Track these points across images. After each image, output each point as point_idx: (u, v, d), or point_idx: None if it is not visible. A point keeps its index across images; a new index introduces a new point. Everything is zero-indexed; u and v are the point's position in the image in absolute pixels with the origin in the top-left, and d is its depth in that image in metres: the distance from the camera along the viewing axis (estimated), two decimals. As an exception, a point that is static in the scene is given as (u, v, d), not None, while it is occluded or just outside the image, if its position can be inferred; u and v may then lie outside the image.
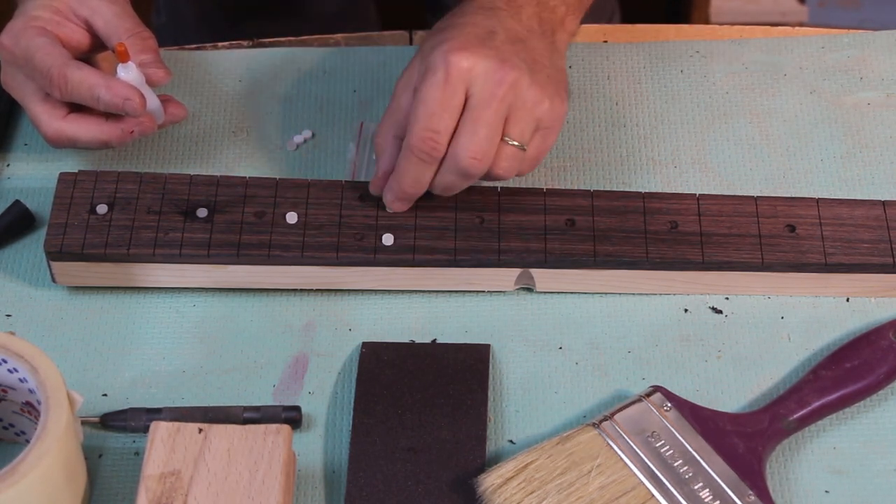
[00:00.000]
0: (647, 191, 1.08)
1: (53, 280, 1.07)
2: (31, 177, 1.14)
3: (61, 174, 1.08)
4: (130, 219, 1.05)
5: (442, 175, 1.02)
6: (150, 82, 1.07)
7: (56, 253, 1.04)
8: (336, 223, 1.05)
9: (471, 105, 1.00)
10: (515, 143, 1.01)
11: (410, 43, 1.24)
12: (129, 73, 1.05)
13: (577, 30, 1.09)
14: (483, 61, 1.00)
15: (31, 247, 1.10)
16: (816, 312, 1.06)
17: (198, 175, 1.08)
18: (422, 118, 1.00)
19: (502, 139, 1.01)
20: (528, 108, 1.01)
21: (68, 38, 1.08)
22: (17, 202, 1.11)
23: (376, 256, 1.04)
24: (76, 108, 1.08)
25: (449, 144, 1.01)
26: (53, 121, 1.07)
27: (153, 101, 1.07)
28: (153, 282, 1.06)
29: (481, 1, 1.05)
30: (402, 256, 1.04)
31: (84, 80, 1.04)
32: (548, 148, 1.04)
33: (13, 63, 1.07)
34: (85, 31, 1.09)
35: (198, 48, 1.24)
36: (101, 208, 1.06)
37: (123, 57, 1.05)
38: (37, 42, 1.05)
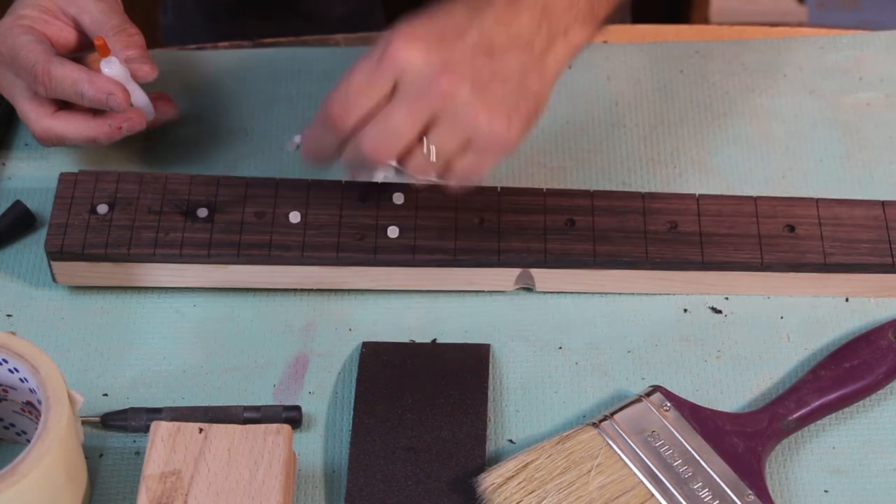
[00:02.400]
0: (647, 191, 1.08)
1: (54, 280, 1.07)
2: (31, 177, 1.14)
3: (62, 174, 1.08)
4: (131, 219, 1.05)
5: (348, 150, 0.97)
6: (136, 78, 1.07)
7: (57, 253, 1.04)
8: (336, 223, 1.06)
9: (394, 96, 0.94)
10: (427, 151, 0.95)
11: (410, 43, 1.24)
12: (112, 68, 1.05)
13: (583, 41, 1.00)
14: (424, 58, 0.93)
15: (32, 247, 1.10)
16: (816, 312, 1.06)
17: (198, 175, 1.08)
18: (342, 89, 0.95)
19: (420, 140, 0.95)
20: (458, 121, 0.94)
21: (56, 36, 1.08)
22: (17, 202, 1.11)
23: (376, 256, 1.04)
24: (65, 105, 1.08)
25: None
26: (41, 118, 1.07)
27: (140, 97, 1.07)
28: (153, 282, 1.06)
29: None
30: (403, 256, 1.04)
31: (67, 75, 1.04)
32: (481, 169, 0.97)
33: (1, 62, 1.08)
34: (73, 29, 1.09)
35: (198, 48, 1.24)
36: (102, 208, 1.06)
37: (103, 51, 1.05)
38: (21, 40, 1.06)
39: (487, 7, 0.96)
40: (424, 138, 0.95)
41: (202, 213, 1.06)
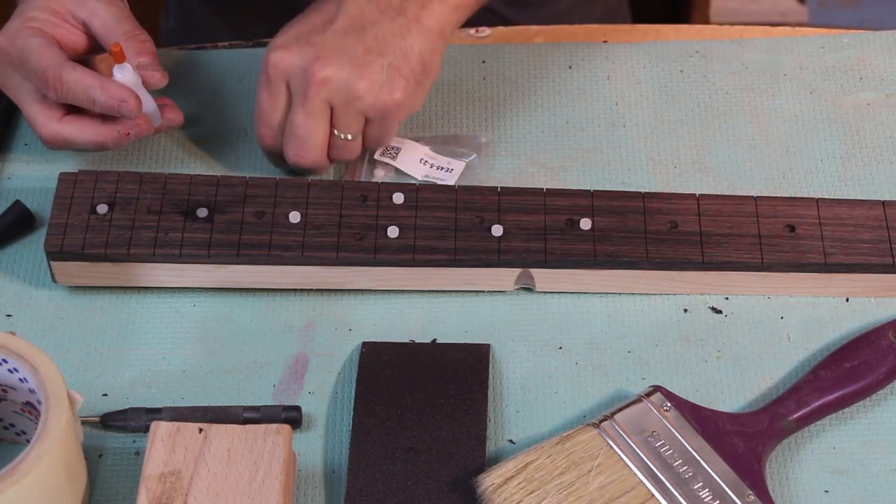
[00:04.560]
0: (647, 191, 1.08)
1: (54, 280, 1.07)
2: (31, 177, 1.14)
3: (61, 174, 1.08)
4: (130, 219, 1.05)
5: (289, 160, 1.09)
6: (147, 85, 1.07)
7: (56, 253, 1.04)
8: (336, 223, 1.05)
9: (292, 102, 1.06)
10: (341, 136, 1.07)
11: (410, 43, 1.24)
12: (125, 74, 1.05)
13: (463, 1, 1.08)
14: (296, 59, 1.04)
15: (32, 247, 1.10)
16: (816, 312, 1.06)
17: (198, 175, 1.08)
18: (256, 117, 1.08)
19: (332, 131, 1.06)
20: (350, 102, 1.05)
21: (65, 39, 1.08)
22: (17, 202, 1.11)
23: (376, 256, 1.04)
24: (73, 109, 1.08)
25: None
26: (50, 122, 1.07)
27: (149, 104, 1.07)
28: (153, 282, 1.06)
29: None
30: (403, 256, 1.04)
31: (79, 81, 1.04)
32: (390, 131, 1.08)
33: (9, 64, 1.07)
34: (82, 33, 1.09)
35: (198, 48, 1.24)
36: (102, 208, 1.06)
37: (119, 57, 1.05)
38: (32, 43, 1.05)
39: None
40: (335, 130, 1.06)
41: (202, 213, 1.06)
